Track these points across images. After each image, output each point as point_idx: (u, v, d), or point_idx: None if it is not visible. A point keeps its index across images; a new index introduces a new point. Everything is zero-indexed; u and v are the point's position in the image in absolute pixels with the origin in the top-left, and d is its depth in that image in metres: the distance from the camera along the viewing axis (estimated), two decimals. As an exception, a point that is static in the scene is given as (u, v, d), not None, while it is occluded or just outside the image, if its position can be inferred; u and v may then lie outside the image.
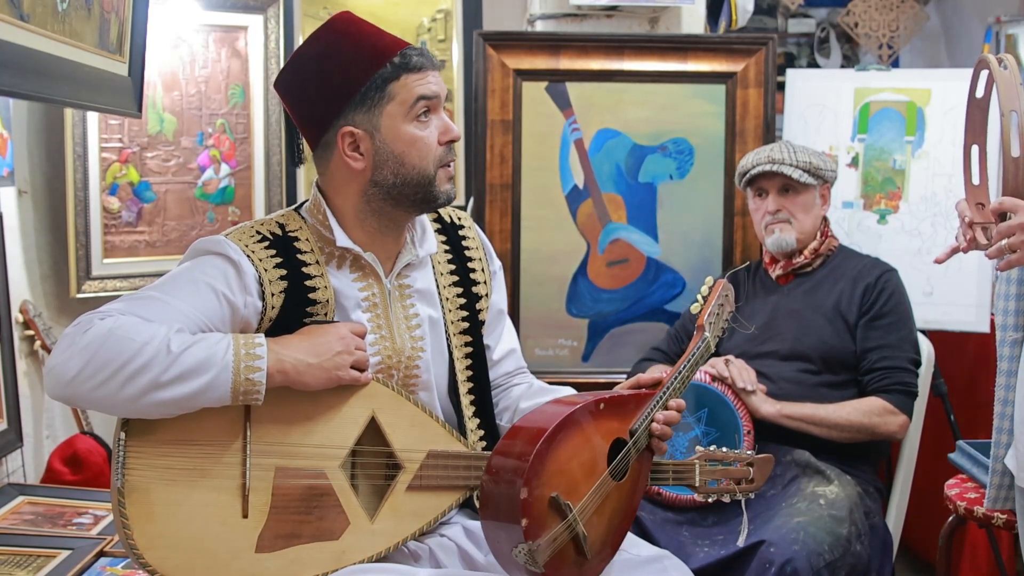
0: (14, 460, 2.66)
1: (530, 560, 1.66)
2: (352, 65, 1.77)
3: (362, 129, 1.78)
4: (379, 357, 1.83)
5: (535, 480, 1.68)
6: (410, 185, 1.80)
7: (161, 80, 3.11)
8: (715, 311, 2.03)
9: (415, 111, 1.78)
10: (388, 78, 1.77)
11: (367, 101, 1.77)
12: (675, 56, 3.15)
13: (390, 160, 1.79)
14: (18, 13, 1.90)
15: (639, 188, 3.18)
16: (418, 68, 1.78)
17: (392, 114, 1.78)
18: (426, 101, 1.79)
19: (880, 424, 2.62)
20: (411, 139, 1.79)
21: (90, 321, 1.62)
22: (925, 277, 3.20)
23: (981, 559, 3.19)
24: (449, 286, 1.96)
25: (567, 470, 1.73)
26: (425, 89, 1.78)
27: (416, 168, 1.80)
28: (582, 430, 1.78)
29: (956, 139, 2.98)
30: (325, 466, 1.73)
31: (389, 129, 1.78)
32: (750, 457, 2.00)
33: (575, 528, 1.72)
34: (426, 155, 1.80)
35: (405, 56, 1.78)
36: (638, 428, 1.85)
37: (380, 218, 1.84)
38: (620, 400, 1.87)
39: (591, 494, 1.76)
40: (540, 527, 1.68)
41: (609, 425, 1.83)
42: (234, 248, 1.75)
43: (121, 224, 3.06)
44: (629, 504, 1.85)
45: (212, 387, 1.62)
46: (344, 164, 1.80)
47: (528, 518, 1.66)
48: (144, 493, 1.63)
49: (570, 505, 1.71)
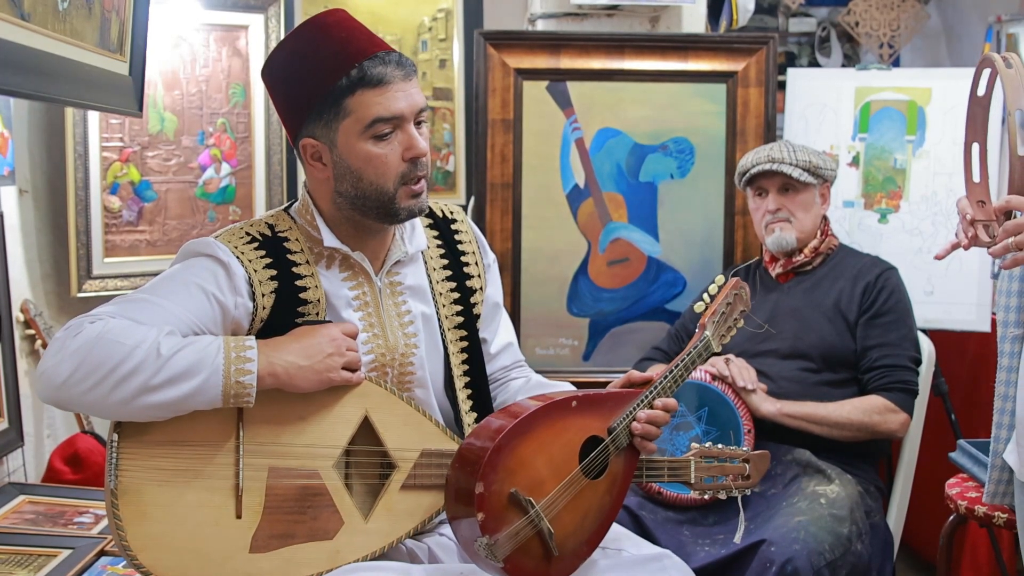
0: (15, 459, 2.67)
1: (490, 554, 1.66)
2: (311, 75, 1.73)
3: (320, 141, 1.76)
4: (372, 355, 1.83)
5: (492, 475, 1.68)
6: (370, 199, 1.77)
7: (162, 79, 3.11)
8: (722, 310, 1.99)
9: (372, 131, 1.73)
10: (343, 92, 1.71)
11: (324, 114, 1.73)
12: (676, 55, 3.15)
13: (347, 175, 1.76)
14: (19, 12, 1.90)
15: (640, 187, 3.18)
16: (377, 83, 1.71)
17: (347, 131, 1.73)
18: (382, 123, 1.72)
19: (881, 422, 2.61)
20: (367, 156, 1.74)
21: (80, 325, 1.62)
22: (926, 276, 3.20)
23: (981, 558, 3.19)
24: (442, 281, 1.96)
25: (530, 466, 1.73)
26: (383, 109, 1.71)
27: (374, 184, 1.76)
28: (550, 426, 1.77)
29: (957, 138, 2.98)
30: (318, 466, 1.73)
31: (344, 145, 1.74)
32: (746, 453, 2.00)
33: (539, 524, 1.71)
34: (384, 173, 1.75)
35: (362, 69, 1.70)
36: (617, 426, 1.83)
37: (353, 224, 1.84)
38: (598, 398, 1.85)
39: (558, 490, 1.75)
40: (499, 522, 1.68)
41: (584, 423, 1.81)
42: (224, 250, 1.75)
43: (122, 223, 3.07)
44: (609, 503, 1.83)
45: (203, 390, 1.62)
46: (311, 171, 1.81)
47: (484, 512, 1.66)
48: (137, 494, 1.63)
49: (531, 501, 1.70)
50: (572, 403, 1.81)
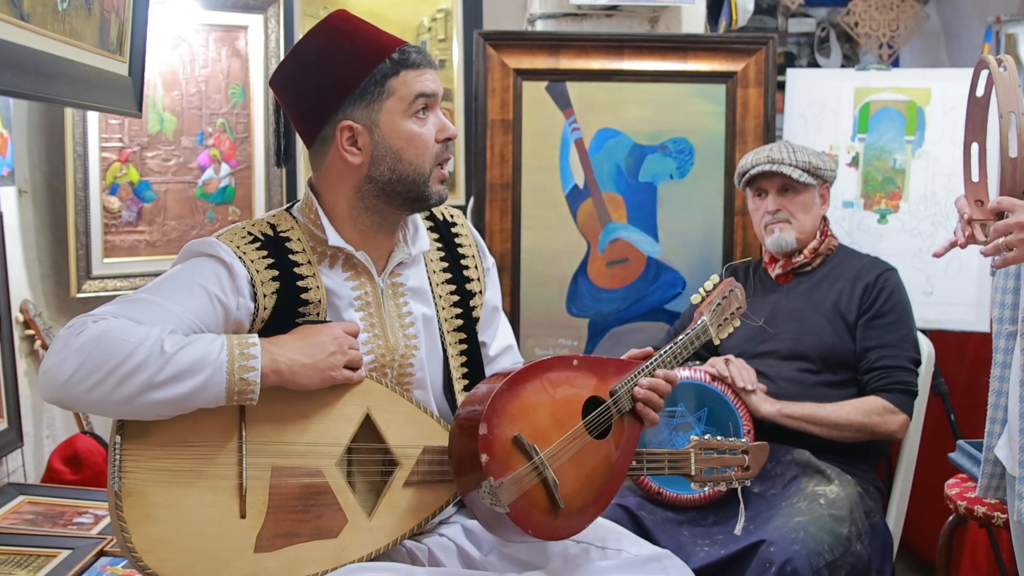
0: (14, 460, 2.67)
1: (494, 499, 1.66)
2: (352, 60, 1.78)
3: (361, 124, 1.79)
4: (373, 356, 1.83)
5: (494, 419, 1.70)
6: (405, 182, 1.81)
7: (161, 80, 3.11)
8: (717, 301, 2.05)
9: (414, 107, 1.80)
10: (387, 73, 1.78)
11: (366, 96, 1.78)
12: (675, 56, 3.15)
13: (388, 156, 1.80)
14: (18, 13, 1.90)
15: (639, 188, 3.18)
16: (416, 65, 1.80)
17: (391, 110, 1.79)
18: (424, 98, 1.80)
19: (880, 423, 2.61)
20: (409, 135, 1.80)
21: (83, 324, 1.62)
22: (925, 276, 3.20)
23: (981, 559, 3.19)
24: (442, 283, 1.97)
25: (533, 415, 1.76)
26: (423, 87, 1.80)
27: (413, 164, 1.81)
28: (551, 380, 1.81)
29: (956, 139, 2.98)
30: (321, 464, 1.73)
31: (388, 124, 1.79)
32: (745, 445, 2.02)
33: (543, 472, 1.73)
34: (423, 152, 1.81)
35: (404, 53, 1.79)
36: (619, 389, 1.87)
37: (373, 215, 1.85)
38: (600, 362, 1.89)
39: (562, 442, 1.78)
40: (502, 466, 1.69)
41: (585, 381, 1.85)
42: (226, 250, 1.75)
43: (121, 224, 3.07)
44: (614, 466, 1.85)
45: (206, 387, 1.62)
46: (340, 159, 1.81)
47: (488, 454, 1.68)
48: (141, 496, 1.63)
49: (535, 447, 1.72)
50: (573, 362, 1.85)
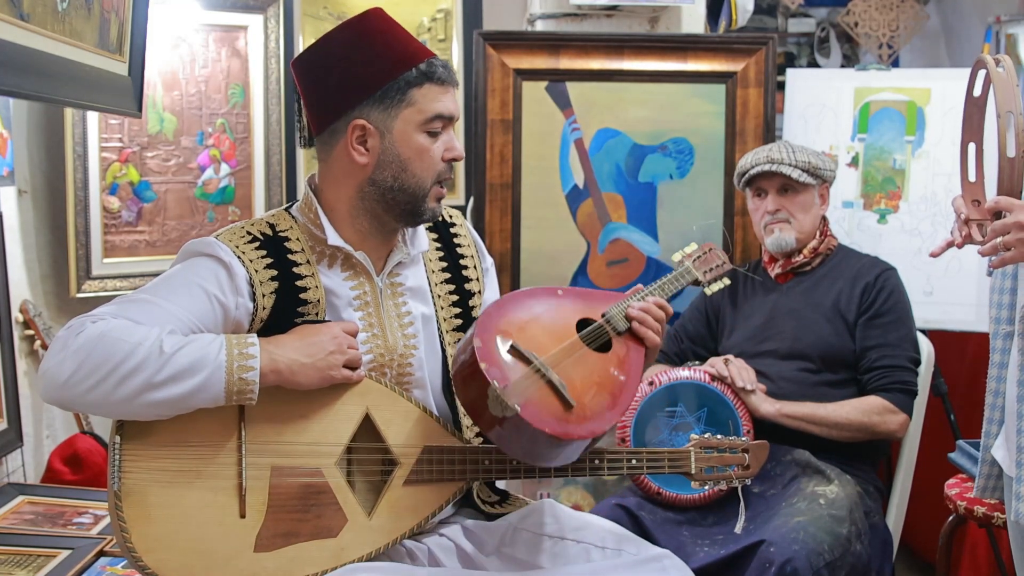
0: (14, 460, 2.67)
1: (503, 406, 1.67)
2: (379, 60, 1.78)
3: (374, 126, 1.79)
4: (372, 355, 1.83)
5: (488, 332, 1.74)
6: (405, 192, 1.81)
7: (161, 80, 3.11)
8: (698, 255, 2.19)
9: (430, 125, 1.80)
10: (412, 83, 1.78)
11: (386, 100, 1.78)
12: (675, 56, 3.15)
13: (394, 162, 1.80)
14: (18, 13, 1.90)
15: (639, 188, 3.18)
16: (441, 81, 1.80)
17: (407, 119, 1.79)
18: (442, 120, 1.81)
19: (880, 423, 2.61)
20: (419, 148, 1.80)
21: (82, 324, 1.62)
22: (925, 276, 3.20)
23: (981, 559, 3.19)
24: (441, 283, 1.97)
25: (525, 330, 1.80)
26: (444, 107, 1.80)
27: (416, 177, 1.81)
28: (539, 301, 1.86)
29: (956, 139, 2.96)
30: (321, 464, 1.73)
31: (401, 133, 1.80)
32: (745, 443, 2.02)
33: (546, 374, 1.74)
34: (428, 166, 1.82)
35: (432, 66, 1.79)
36: (611, 311, 1.91)
37: (372, 219, 1.85)
38: (585, 293, 1.95)
39: (560, 351, 1.80)
40: (504, 372, 1.71)
41: (574, 306, 1.90)
42: (225, 250, 1.75)
43: (121, 224, 3.07)
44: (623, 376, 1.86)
45: (206, 387, 1.62)
46: (347, 155, 1.81)
47: (488, 363, 1.70)
48: (141, 496, 1.63)
49: (533, 353, 1.75)
50: (558, 292, 1.90)
